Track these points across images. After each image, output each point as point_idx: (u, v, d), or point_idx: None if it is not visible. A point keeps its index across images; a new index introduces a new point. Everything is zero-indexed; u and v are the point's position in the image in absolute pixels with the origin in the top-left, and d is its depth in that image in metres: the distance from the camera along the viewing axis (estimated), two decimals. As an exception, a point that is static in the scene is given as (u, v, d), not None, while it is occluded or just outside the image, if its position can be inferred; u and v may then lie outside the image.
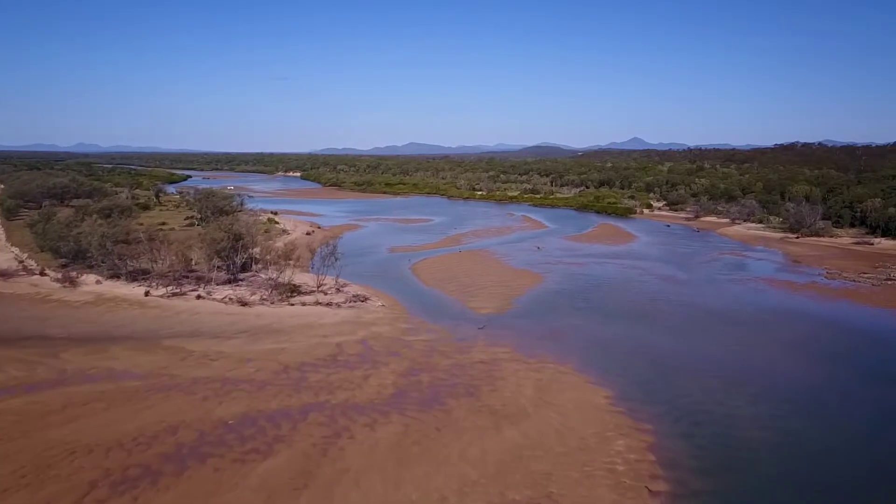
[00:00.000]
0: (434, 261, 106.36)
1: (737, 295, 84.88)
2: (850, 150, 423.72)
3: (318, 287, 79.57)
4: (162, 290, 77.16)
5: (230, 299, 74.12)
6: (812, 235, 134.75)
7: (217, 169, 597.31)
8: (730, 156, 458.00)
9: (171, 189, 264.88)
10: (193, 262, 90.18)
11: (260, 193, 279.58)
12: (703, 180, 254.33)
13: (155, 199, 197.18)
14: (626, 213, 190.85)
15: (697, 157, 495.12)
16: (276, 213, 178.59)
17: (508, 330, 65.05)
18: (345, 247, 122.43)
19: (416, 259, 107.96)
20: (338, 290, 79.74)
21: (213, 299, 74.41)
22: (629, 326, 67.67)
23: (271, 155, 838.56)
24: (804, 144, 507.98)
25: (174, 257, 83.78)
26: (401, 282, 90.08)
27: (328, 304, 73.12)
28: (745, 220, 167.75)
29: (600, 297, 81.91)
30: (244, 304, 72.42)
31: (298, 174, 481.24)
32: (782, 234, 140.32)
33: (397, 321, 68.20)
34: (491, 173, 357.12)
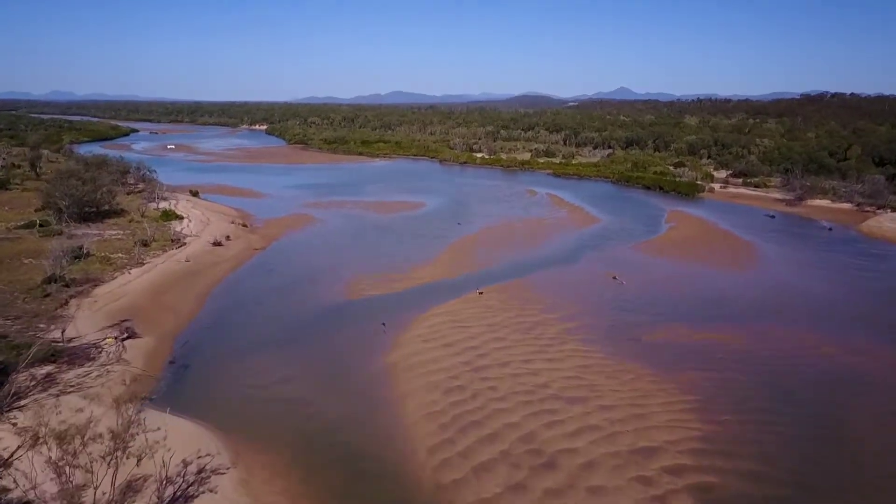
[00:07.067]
0: (434, 330, 52.50)
1: None
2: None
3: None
4: None
5: None
6: None
7: (176, 121, 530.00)
8: (761, 109, 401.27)
9: (91, 150, 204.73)
10: None
11: (202, 155, 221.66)
12: (765, 141, 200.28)
13: (31, 171, 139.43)
14: (691, 192, 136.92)
15: (718, 109, 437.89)
16: (196, 194, 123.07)
17: None
18: (272, 274, 68.93)
19: (396, 319, 54.47)
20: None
21: None
22: None
23: (243, 104, 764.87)
24: (834, 94, 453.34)
25: None
26: (360, 438, 36.35)
27: None
28: (879, 207, 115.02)
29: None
30: None
31: (265, 127, 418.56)
32: None
33: None
34: (489, 128, 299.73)
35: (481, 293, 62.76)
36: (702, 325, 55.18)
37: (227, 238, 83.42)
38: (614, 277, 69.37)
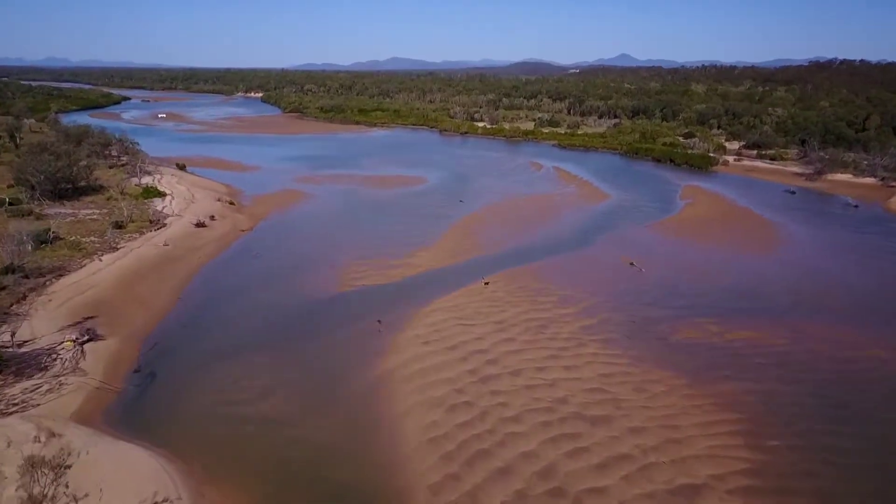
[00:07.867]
0: (435, 330, 46.87)
1: None
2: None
3: None
4: None
5: None
6: None
7: (170, 88, 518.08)
8: (768, 76, 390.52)
9: (77, 119, 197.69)
10: None
11: (194, 125, 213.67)
12: (778, 110, 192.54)
13: (10, 142, 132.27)
14: (704, 165, 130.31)
15: (724, 77, 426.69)
16: (183, 168, 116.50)
17: None
18: (258, 260, 62.58)
19: (394, 315, 48.86)
20: None
21: None
22: None
23: (239, 71, 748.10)
24: (843, 61, 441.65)
25: None
26: (349, 472, 30.84)
27: None
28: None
29: None
30: None
31: (261, 95, 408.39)
32: None
33: None
34: (490, 96, 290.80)
35: (487, 283, 57.04)
36: (733, 321, 49.60)
37: (212, 218, 77.30)
38: (632, 263, 63.61)
